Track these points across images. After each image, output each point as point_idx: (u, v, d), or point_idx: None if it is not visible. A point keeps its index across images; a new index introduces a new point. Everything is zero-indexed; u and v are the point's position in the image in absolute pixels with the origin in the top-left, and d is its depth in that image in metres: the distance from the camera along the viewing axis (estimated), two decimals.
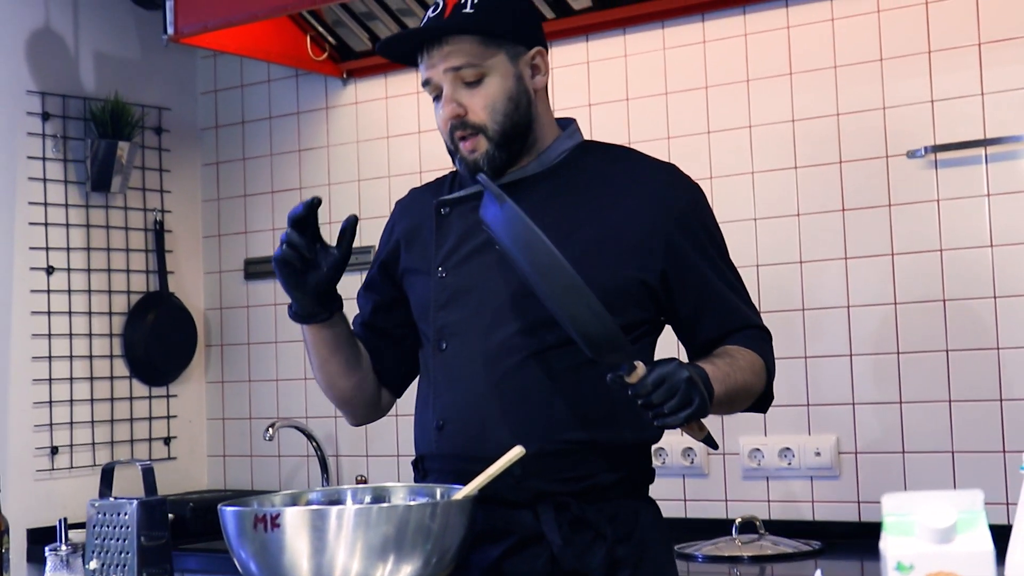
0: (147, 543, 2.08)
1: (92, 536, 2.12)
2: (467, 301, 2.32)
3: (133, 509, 2.09)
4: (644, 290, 2.30)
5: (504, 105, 2.30)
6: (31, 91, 4.07)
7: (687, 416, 2.04)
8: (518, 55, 2.33)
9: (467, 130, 2.30)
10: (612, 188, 2.34)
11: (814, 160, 3.46)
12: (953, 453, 3.26)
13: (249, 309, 4.47)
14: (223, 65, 4.56)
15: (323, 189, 4.31)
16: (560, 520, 2.23)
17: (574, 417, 2.25)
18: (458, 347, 2.31)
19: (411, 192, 2.58)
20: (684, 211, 2.33)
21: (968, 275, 3.26)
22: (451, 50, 2.28)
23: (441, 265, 2.36)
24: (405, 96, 4.15)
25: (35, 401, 4.02)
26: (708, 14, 3.61)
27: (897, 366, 3.33)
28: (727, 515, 3.51)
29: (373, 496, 2.17)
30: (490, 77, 2.30)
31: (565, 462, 2.24)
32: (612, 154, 2.44)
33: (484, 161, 2.30)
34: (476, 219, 2.35)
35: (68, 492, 4.07)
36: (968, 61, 3.27)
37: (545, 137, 2.39)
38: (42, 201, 4.08)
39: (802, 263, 3.47)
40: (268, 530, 1.88)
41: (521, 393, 2.25)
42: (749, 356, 2.33)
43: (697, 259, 2.33)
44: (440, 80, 2.31)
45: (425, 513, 1.92)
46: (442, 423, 2.31)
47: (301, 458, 4.32)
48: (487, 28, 2.28)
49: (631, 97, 3.73)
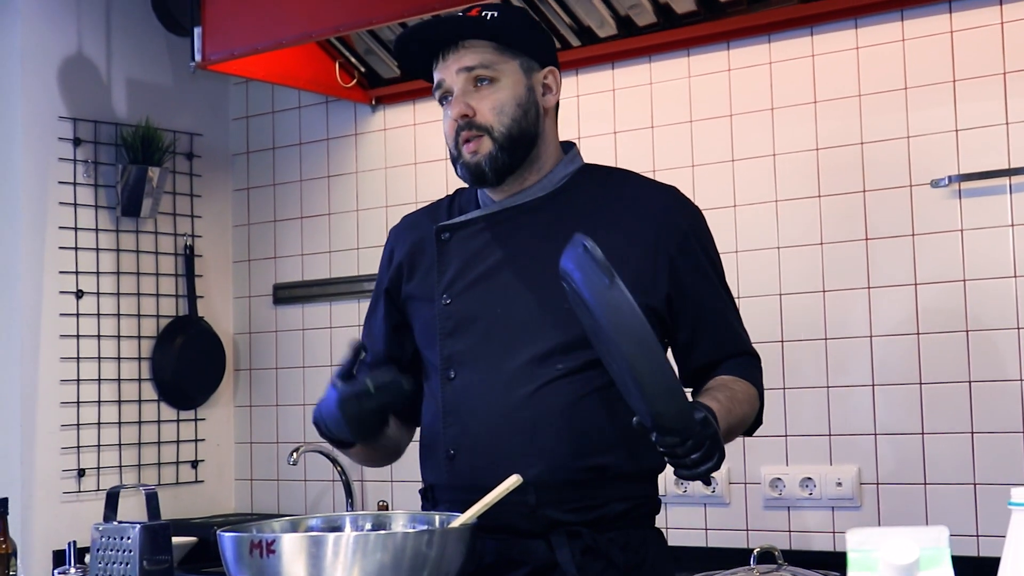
0: (150, 567, 2.09)
1: (95, 560, 2.13)
2: (474, 329, 2.31)
3: (136, 533, 2.10)
4: (651, 316, 2.28)
5: (513, 110, 2.31)
6: (63, 117, 4.11)
7: (707, 470, 2.01)
8: (532, 69, 2.36)
9: (473, 131, 2.30)
10: (614, 213, 2.34)
11: (838, 189, 3.44)
12: (975, 485, 3.23)
13: (278, 334, 4.49)
14: (255, 92, 4.60)
15: (351, 215, 4.33)
16: (574, 549, 2.23)
17: (587, 444, 2.24)
18: (468, 376, 2.30)
19: (405, 218, 2.56)
20: (686, 234, 2.34)
21: (992, 306, 3.23)
22: (466, 52, 2.31)
23: (445, 292, 2.35)
24: (433, 123, 4.16)
25: (63, 424, 4.05)
26: (733, 42, 3.60)
27: (920, 397, 3.31)
28: (748, 544, 3.49)
29: (373, 523, 2.17)
30: (501, 82, 2.31)
31: (578, 491, 2.24)
32: (613, 178, 2.43)
33: (487, 163, 2.30)
34: (479, 244, 2.35)
35: (94, 515, 4.06)
36: (993, 91, 3.25)
37: (549, 156, 2.39)
38: (72, 226, 4.11)
39: (825, 292, 3.45)
40: (264, 556, 1.88)
41: (533, 422, 2.24)
42: (745, 387, 2.33)
43: (698, 283, 2.34)
44: (452, 81, 2.32)
45: (422, 541, 1.92)
46: (453, 453, 2.30)
47: (327, 483, 4.32)
48: (504, 35, 2.31)
49: (656, 125, 3.72)
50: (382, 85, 4.22)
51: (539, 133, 2.36)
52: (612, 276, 1.89)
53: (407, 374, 2.42)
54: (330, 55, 4.15)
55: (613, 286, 1.89)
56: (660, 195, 2.39)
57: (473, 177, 2.34)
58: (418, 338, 2.43)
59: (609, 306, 1.91)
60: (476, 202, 2.44)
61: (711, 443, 2.00)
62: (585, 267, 1.92)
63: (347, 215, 4.35)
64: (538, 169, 2.37)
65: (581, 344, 2.22)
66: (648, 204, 2.36)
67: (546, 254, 2.28)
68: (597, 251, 1.90)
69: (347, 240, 4.34)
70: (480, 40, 2.32)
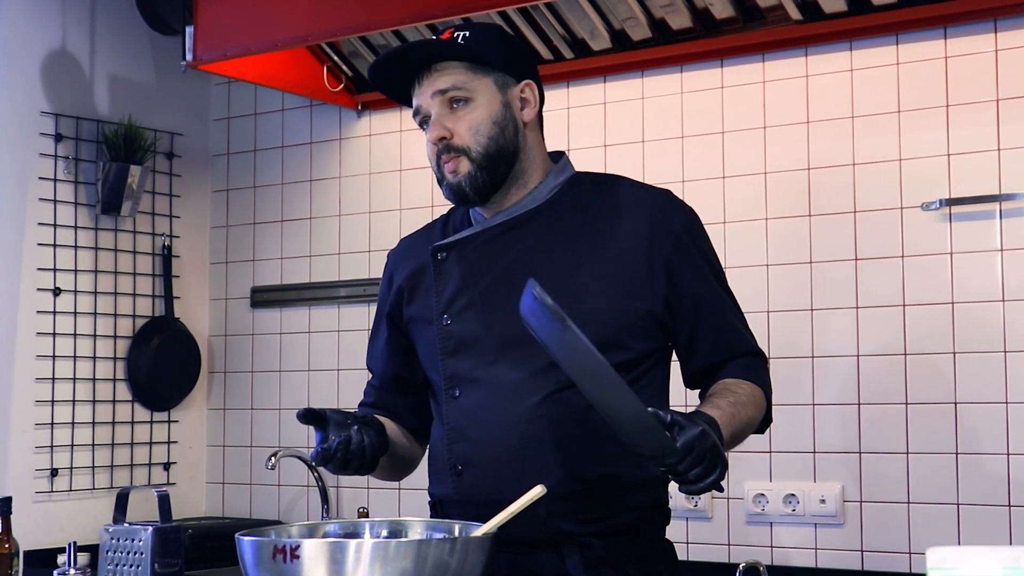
0: (161, 570, 2.07)
1: (105, 561, 2.10)
2: (476, 347, 2.32)
3: (148, 535, 2.07)
4: (651, 320, 2.30)
5: (488, 128, 2.32)
6: (45, 112, 4.08)
7: (711, 483, 2.03)
8: (507, 85, 2.37)
9: (451, 153, 2.32)
10: (608, 219, 2.34)
11: (828, 209, 3.47)
12: (959, 505, 3.26)
13: (254, 337, 4.47)
14: (237, 93, 4.57)
15: (334, 220, 4.31)
16: (585, 560, 2.23)
17: (594, 454, 2.25)
18: (472, 393, 2.31)
19: (402, 241, 2.58)
20: (680, 236, 2.34)
21: (979, 329, 3.26)
22: (439, 75, 2.33)
23: (445, 312, 2.36)
24: (419, 130, 4.13)
25: (37, 422, 4.01)
26: (727, 60, 3.62)
27: (905, 417, 3.33)
28: (729, 559, 3.51)
29: (390, 530, 2.16)
30: (475, 101, 2.33)
31: (587, 502, 2.24)
32: (605, 184, 2.44)
33: (467, 183, 2.31)
34: (474, 262, 2.36)
35: (66, 515, 4.05)
36: (986, 117, 3.28)
37: (534, 170, 2.39)
38: (51, 222, 4.07)
39: (813, 311, 3.47)
40: (287, 561, 1.87)
41: (539, 435, 2.24)
42: (750, 389, 2.33)
43: (695, 282, 2.34)
44: (429, 106, 2.34)
45: (444, 549, 1.91)
46: (460, 468, 2.30)
47: (301, 488, 4.30)
48: (475, 55, 2.32)
49: (647, 139, 3.74)
50: (369, 90, 4.20)
51: (519, 148, 2.37)
52: (563, 320, 1.89)
53: (415, 400, 2.49)
54: (318, 58, 4.13)
55: (566, 330, 1.90)
56: (653, 199, 2.40)
57: (456, 198, 2.36)
58: (422, 359, 2.44)
59: (566, 349, 1.94)
60: (469, 220, 2.45)
61: (711, 455, 2.01)
62: (537, 313, 1.94)
63: (329, 220, 4.33)
64: (523, 184, 2.38)
65: None
66: (641, 208, 2.36)
67: (542, 266, 2.30)
68: (546, 297, 1.91)
69: (328, 245, 4.32)
70: (452, 62, 2.33)
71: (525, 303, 1.99)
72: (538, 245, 2.32)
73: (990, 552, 1.16)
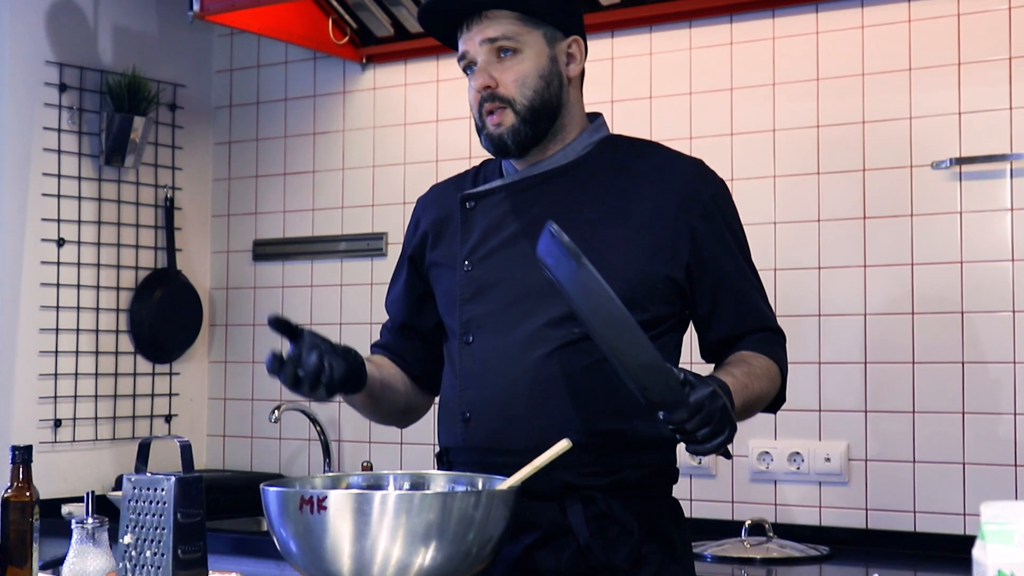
0: (183, 520, 2.05)
1: (127, 511, 2.09)
2: (493, 294, 2.31)
3: (170, 485, 2.06)
4: (670, 285, 2.28)
5: (535, 81, 2.30)
6: (49, 62, 4.04)
7: (719, 444, 2.00)
8: (555, 39, 2.34)
9: (495, 103, 2.30)
10: (638, 182, 2.33)
11: (837, 167, 3.45)
12: (964, 464, 3.26)
13: (256, 290, 4.45)
14: (240, 44, 4.53)
15: (337, 173, 4.29)
16: (587, 514, 2.22)
17: (604, 408, 2.23)
18: (485, 340, 2.30)
19: (433, 187, 2.56)
20: (708, 204, 2.31)
21: (987, 288, 3.26)
22: (489, 23, 2.30)
23: (467, 259, 2.34)
24: (424, 84, 4.13)
25: (41, 373, 3.99)
26: (736, 16, 3.60)
27: (912, 375, 3.33)
28: (732, 516, 3.51)
29: (412, 483, 2.15)
30: (524, 53, 2.30)
31: (593, 455, 2.22)
32: (638, 148, 2.42)
33: (509, 135, 2.30)
34: (501, 212, 2.34)
35: (69, 465, 4.04)
36: (997, 75, 3.27)
37: (573, 126, 2.37)
38: (55, 172, 4.04)
39: (820, 269, 3.46)
40: (314, 512, 1.86)
41: (549, 385, 2.23)
42: (765, 363, 2.31)
43: (719, 253, 2.32)
44: (475, 52, 2.31)
45: (469, 502, 1.90)
46: (468, 415, 2.28)
47: (302, 441, 4.29)
48: (528, 6, 2.30)
49: (655, 95, 3.72)
50: (374, 43, 4.17)
51: (562, 103, 2.35)
52: (579, 258, 1.88)
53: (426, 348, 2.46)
54: (323, 10, 4.10)
55: (581, 267, 1.88)
56: (684, 166, 2.38)
57: (496, 148, 2.34)
58: (440, 305, 2.42)
59: (580, 287, 1.92)
60: (501, 172, 2.43)
61: (720, 416, 1.98)
62: (554, 252, 1.93)
63: (332, 173, 4.30)
64: (561, 139, 2.36)
65: None
66: (672, 174, 2.34)
67: (568, 221, 2.27)
68: (563, 235, 1.89)
69: (331, 199, 4.30)
70: (503, 10, 2.30)
71: (542, 243, 1.97)
72: (565, 201, 2.31)
73: None
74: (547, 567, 2.22)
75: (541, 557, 2.23)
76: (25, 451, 2.21)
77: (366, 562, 1.87)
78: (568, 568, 2.21)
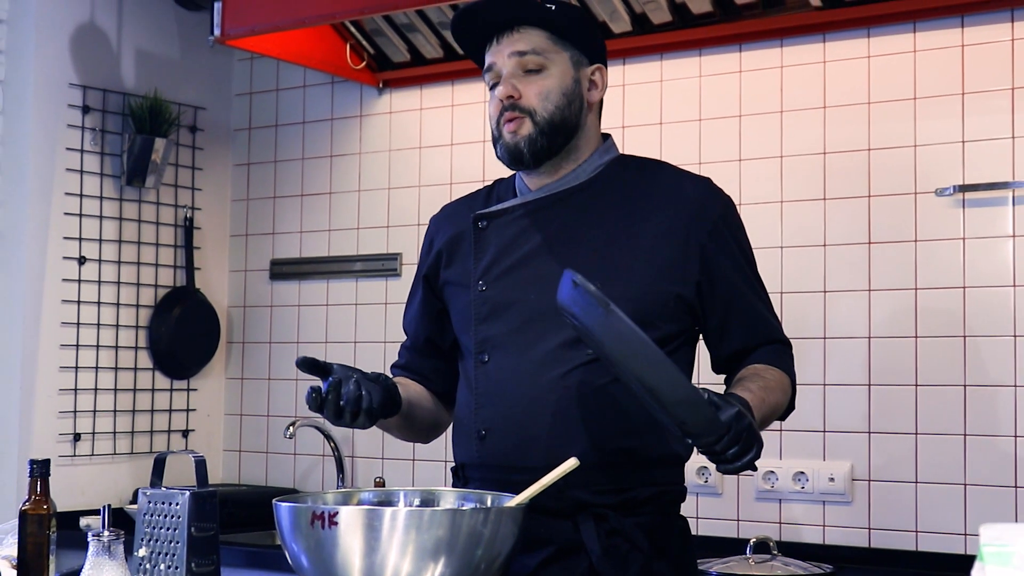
0: (197, 534, 2.05)
1: (142, 524, 2.09)
2: (508, 315, 2.31)
3: (185, 500, 2.06)
4: (680, 304, 2.29)
5: (558, 98, 2.31)
6: (73, 84, 4.05)
7: (747, 463, 2.01)
8: (580, 63, 2.36)
9: (516, 112, 2.30)
10: (647, 202, 2.34)
11: (843, 193, 3.45)
12: (966, 486, 3.25)
13: (272, 308, 4.45)
14: (259, 68, 4.54)
15: (353, 195, 4.29)
16: (599, 531, 2.22)
17: (616, 427, 2.24)
18: (500, 359, 2.30)
19: (445, 207, 2.56)
20: (717, 222, 2.33)
21: (989, 313, 3.25)
22: (521, 37, 2.32)
23: (481, 279, 2.35)
24: (440, 108, 4.13)
25: (61, 388, 3.99)
26: (745, 45, 3.60)
27: (915, 398, 3.32)
28: (738, 534, 3.50)
29: (422, 499, 2.15)
30: (550, 70, 2.32)
31: (606, 474, 2.23)
32: (647, 168, 2.43)
33: (526, 144, 2.30)
34: (514, 232, 2.35)
35: (87, 479, 4.04)
36: (1000, 105, 3.26)
37: (587, 149, 2.39)
38: (78, 192, 4.05)
39: (826, 292, 3.46)
40: (325, 527, 1.86)
41: (564, 405, 2.23)
42: (777, 376, 2.32)
43: (728, 270, 2.33)
44: (503, 65, 2.32)
45: (478, 519, 1.90)
46: (484, 433, 2.29)
47: (316, 457, 4.29)
48: (560, 27, 2.32)
49: (665, 121, 3.72)
50: (391, 68, 4.18)
51: (580, 125, 2.36)
52: (607, 305, 1.89)
53: (445, 365, 2.46)
54: (341, 36, 4.11)
55: (610, 314, 1.89)
56: (693, 185, 2.39)
57: (511, 157, 2.33)
58: (455, 323, 2.42)
59: (611, 334, 1.91)
60: (514, 192, 2.43)
61: (748, 435, 1.99)
62: (580, 301, 1.93)
63: (348, 195, 4.31)
64: (575, 159, 2.37)
65: None
66: (681, 193, 2.35)
67: (580, 242, 2.30)
68: (588, 284, 1.90)
69: (347, 220, 4.30)
70: (535, 28, 2.32)
71: (564, 292, 1.97)
72: (577, 221, 2.31)
73: None
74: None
75: (553, 573, 2.23)
76: (43, 465, 2.21)
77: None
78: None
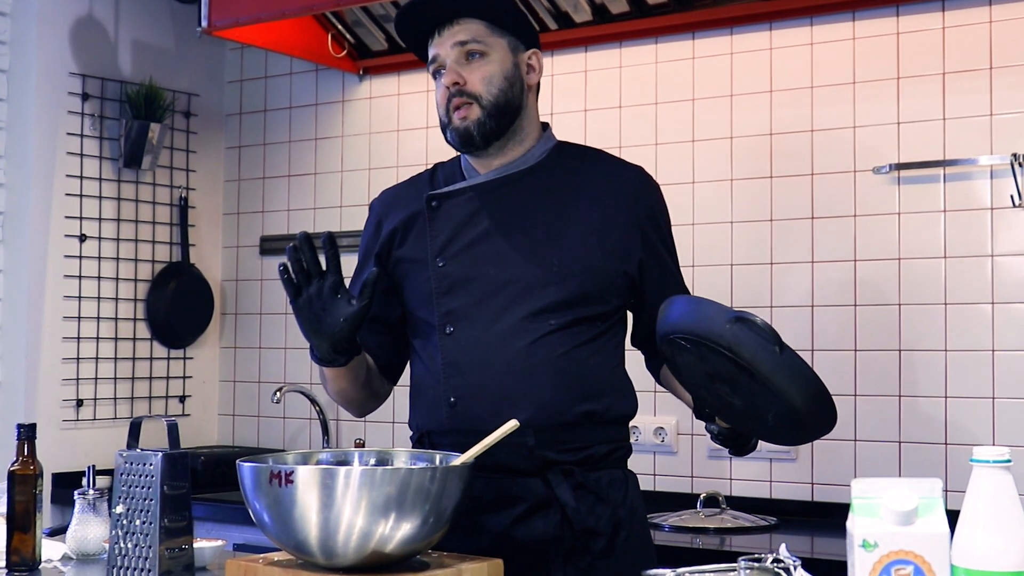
0: (169, 492, 2.08)
1: (119, 483, 2.12)
2: (469, 288, 2.33)
3: (158, 460, 2.09)
4: (626, 279, 2.36)
5: (500, 81, 2.34)
6: (73, 73, 4.07)
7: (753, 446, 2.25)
8: (517, 48, 2.40)
9: (463, 98, 2.33)
10: (591, 186, 2.39)
11: (788, 171, 3.47)
12: (900, 443, 3.29)
13: (263, 282, 4.48)
14: (249, 57, 4.56)
15: (336, 176, 4.31)
16: (570, 485, 2.27)
17: (577, 392, 2.29)
18: (465, 330, 2.31)
19: (387, 190, 2.54)
20: (652, 208, 2.42)
21: (922, 283, 3.28)
22: (460, 28, 2.35)
23: (439, 255, 2.35)
24: (416, 94, 4.15)
25: (64, 357, 4.03)
26: (698, 33, 3.62)
27: (854, 362, 3.36)
28: (692, 490, 3.53)
29: (377, 459, 2.17)
30: (491, 56, 2.35)
31: (570, 433, 2.29)
32: (588, 156, 2.47)
33: (475, 127, 2.32)
34: (469, 212, 2.36)
35: (90, 442, 4.07)
36: (932, 89, 3.29)
37: (531, 130, 2.41)
38: (78, 174, 4.08)
39: (772, 264, 3.48)
40: (282, 485, 1.89)
41: (531, 373, 2.27)
42: None
43: (662, 250, 2.43)
44: (446, 55, 2.35)
45: (425, 476, 1.93)
46: (455, 400, 2.30)
47: (304, 420, 4.32)
48: (495, 15, 2.36)
49: (624, 105, 3.74)
50: (370, 56, 4.19)
51: (523, 106, 2.38)
52: (781, 343, 1.95)
53: (392, 338, 2.47)
54: (323, 26, 4.12)
55: (784, 351, 1.95)
56: (631, 174, 2.46)
57: (462, 141, 2.35)
58: (410, 299, 2.41)
59: (785, 370, 1.96)
60: (460, 174, 2.44)
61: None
62: (748, 340, 1.96)
63: (332, 175, 4.33)
64: (520, 141, 2.39)
65: (569, 303, 2.29)
66: (621, 180, 2.42)
67: (534, 221, 2.34)
68: (767, 324, 1.96)
69: (331, 198, 4.33)
70: (473, 19, 2.35)
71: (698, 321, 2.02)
72: (530, 202, 2.34)
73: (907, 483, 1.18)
74: (535, 535, 2.26)
75: (529, 526, 2.27)
76: (30, 428, 2.24)
77: (331, 531, 1.89)
78: (556, 534, 2.26)
